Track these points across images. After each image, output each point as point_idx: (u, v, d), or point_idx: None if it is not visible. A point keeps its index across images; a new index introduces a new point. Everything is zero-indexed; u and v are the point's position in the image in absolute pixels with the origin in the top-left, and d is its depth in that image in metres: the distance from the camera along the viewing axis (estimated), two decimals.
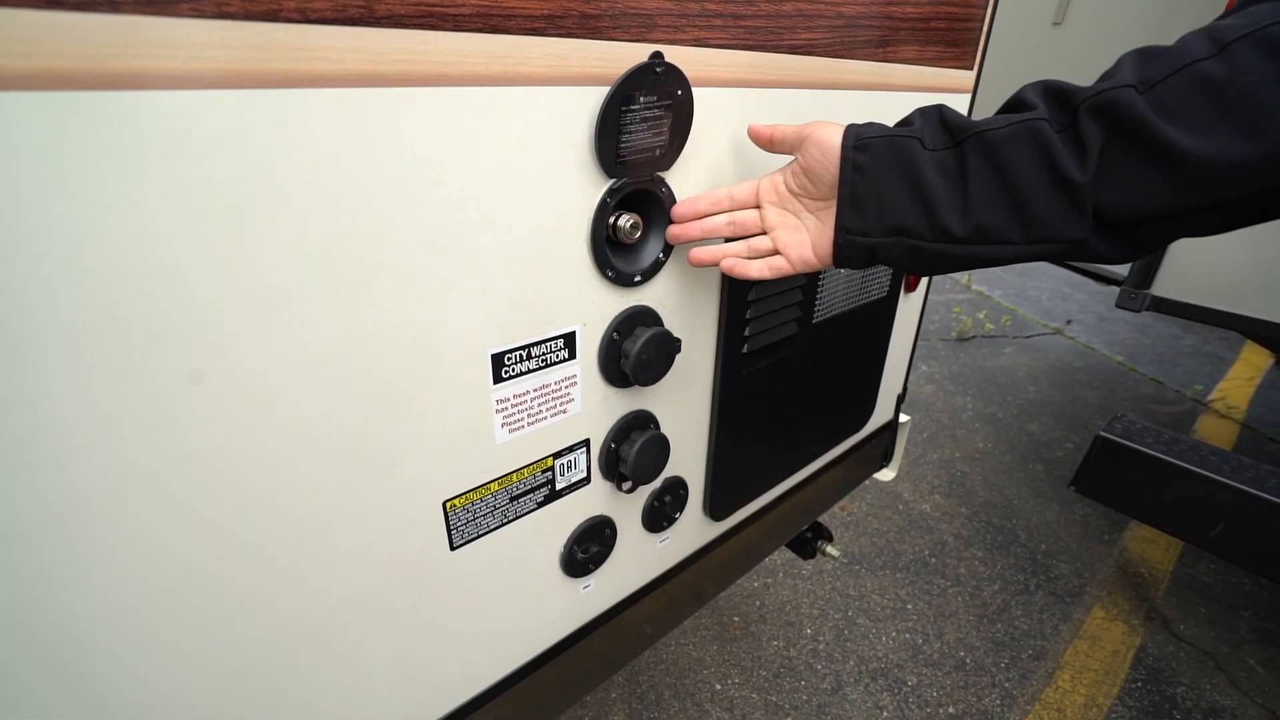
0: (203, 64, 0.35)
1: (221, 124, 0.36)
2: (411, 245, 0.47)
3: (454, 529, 0.59)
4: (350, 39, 0.39)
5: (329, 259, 0.43)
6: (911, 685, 1.73)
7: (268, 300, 0.41)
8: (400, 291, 0.48)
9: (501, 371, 0.57)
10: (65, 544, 0.38)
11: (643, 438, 0.70)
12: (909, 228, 0.53)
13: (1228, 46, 0.41)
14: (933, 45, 0.89)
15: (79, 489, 0.38)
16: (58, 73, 0.31)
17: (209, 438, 0.42)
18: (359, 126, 0.41)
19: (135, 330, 0.37)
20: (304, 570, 0.50)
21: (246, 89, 0.37)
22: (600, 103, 0.53)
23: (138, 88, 0.33)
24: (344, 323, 0.45)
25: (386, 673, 0.60)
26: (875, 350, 1.11)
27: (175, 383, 0.39)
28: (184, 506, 0.42)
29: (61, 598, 0.39)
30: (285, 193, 0.40)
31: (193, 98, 0.35)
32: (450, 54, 0.44)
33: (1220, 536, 1.37)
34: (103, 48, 0.32)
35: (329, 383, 0.46)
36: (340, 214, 0.43)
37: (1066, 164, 0.46)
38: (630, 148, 0.56)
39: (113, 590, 0.41)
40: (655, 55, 0.55)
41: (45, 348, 0.34)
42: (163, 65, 0.33)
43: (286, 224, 0.41)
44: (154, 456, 0.40)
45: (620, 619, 0.85)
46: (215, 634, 0.47)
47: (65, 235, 0.33)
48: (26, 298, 0.33)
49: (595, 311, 0.62)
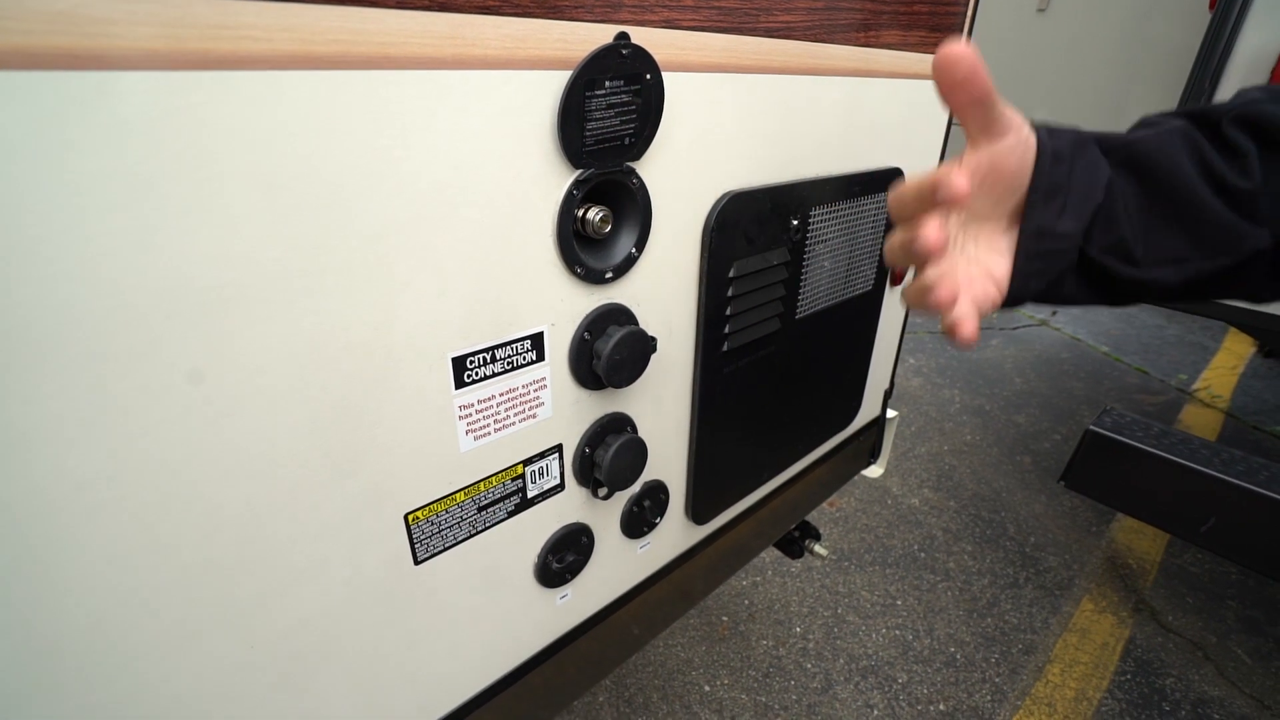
0: (102, 42, 0.31)
1: (134, 109, 0.33)
2: (357, 241, 0.43)
3: (417, 542, 0.56)
4: (277, 15, 0.36)
5: (264, 257, 0.39)
6: (902, 683, 1.71)
7: (199, 300, 0.38)
8: (347, 292, 0.44)
9: (464, 376, 0.53)
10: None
11: (618, 441, 0.66)
12: (1095, 226, 0.44)
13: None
14: (916, 30, 0.86)
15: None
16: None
17: (136, 453, 0.38)
18: (293, 113, 0.38)
19: (43, 341, 0.33)
20: (251, 593, 0.47)
21: (159, 70, 0.33)
22: (562, 88, 0.50)
23: (34, 67, 0.30)
24: (286, 325, 0.42)
25: (347, 697, 0.57)
26: (861, 345, 1.09)
27: (91, 393, 0.36)
28: (110, 528, 0.38)
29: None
30: (209, 186, 0.36)
31: (101, 79, 0.31)
32: (393, 33, 0.40)
33: (1211, 531, 1.36)
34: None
35: (272, 390, 0.43)
36: (275, 208, 0.39)
37: (1224, 169, 0.41)
38: (596, 136, 0.53)
39: (34, 619, 0.37)
40: (621, 36, 0.51)
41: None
42: (52, 42, 0.30)
43: (213, 220, 0.37)
44: (76, 472, 0.36)
45: (605, 624, 0.82)
46: (154, 662, 0.43)
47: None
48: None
49: (564, 310, 0.59)
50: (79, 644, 0.40)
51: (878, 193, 0.90)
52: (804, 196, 0.78)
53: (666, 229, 0.64)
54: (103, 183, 0.33)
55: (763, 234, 0.74)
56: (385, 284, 0.46)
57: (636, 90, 0.54)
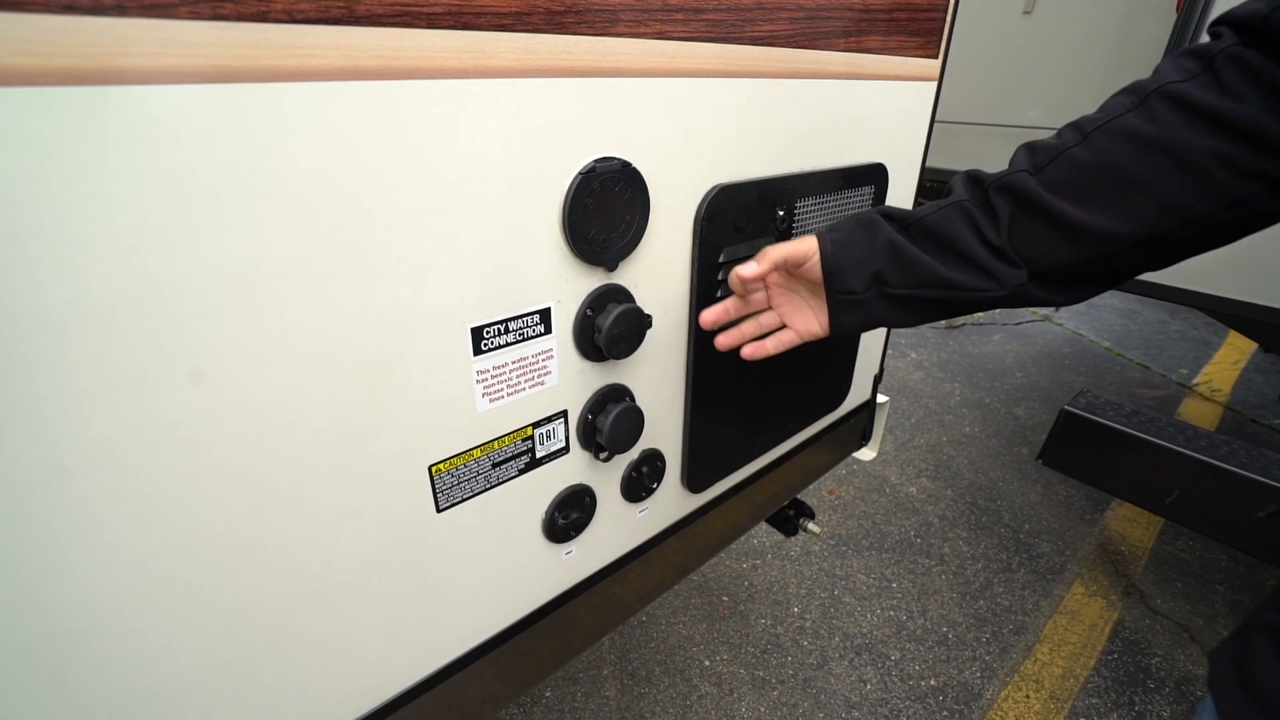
0: (200, 61, 0.39)
1: (216, 115, 0.41)
2: (393, 226, 0.51)
3: (439, 492, 0.64)
4: (333, 36, 0.43)
5: (316, 238, 0.47)
6: (895, 660, 1.78)
7: (259, 277, 0.46)
8: (383, 268, 0.52)
9: (481, 344, 0.61)
10: (61, 511, 0.42)
11: (618, 408, 0.74)
12: (886, 276, 0.64)
13: (1089, 136, 0.55)
14: (896, 35, 0.93)
15: (64, 460, 0.42)
16: (71, 70, 0.35)
17: (204, 404, 0.46)
18: (342, 117, 0.46)
19: (134, 310, 0.41)
20: (296, 532, 0.55)
21: (239, 83, 0.41)
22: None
23: (141, 83, 0.37)
24: (331, 298, 0.50)
25: (377, 630, 0.65)
26: None
27: (170, 356, 0.44)
28: (180, 472, 0.46)
29: (68, 556, 0.43)
30: (274, 178, 0.44)
31: (190, 91, 0.39)
32: (425, 49, 0.48)
33: (1176, 503, 1.43)
34: (110, 47, 0.36)
35: (317, 353, 0.51)
36: (326, 197, 0.47)
37: (987, 230, 0.59)
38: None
39: (113, 554, 0.45)
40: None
41: (57, 322, 0.39)
42: (162, 63, 0.38)
43: (275, 207, 0.45)
44: (147, 426, 0.44)
45: (607, 581, 0.89)
46: (210, 593, 0.51)
47: (85, 215, 0.37)
48: (40, 276, 0.37)
49: (569, 289, 0.67)
50: (164, 568, 0.48)
51: (861, 186, 0.97)
52: (789, 189, 0.85)
53: (662, 218, 0.72)
54: (191, 176, 0.41)
55: (750, 223, 0.82)
56: (415, 261, 0.54)
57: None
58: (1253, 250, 1.58)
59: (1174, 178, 0.51)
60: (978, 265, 0.60)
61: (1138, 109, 0.53)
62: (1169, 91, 0.51)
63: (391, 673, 0.68)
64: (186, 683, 0.52)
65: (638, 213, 0.68)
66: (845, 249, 0.65)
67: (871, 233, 0.64)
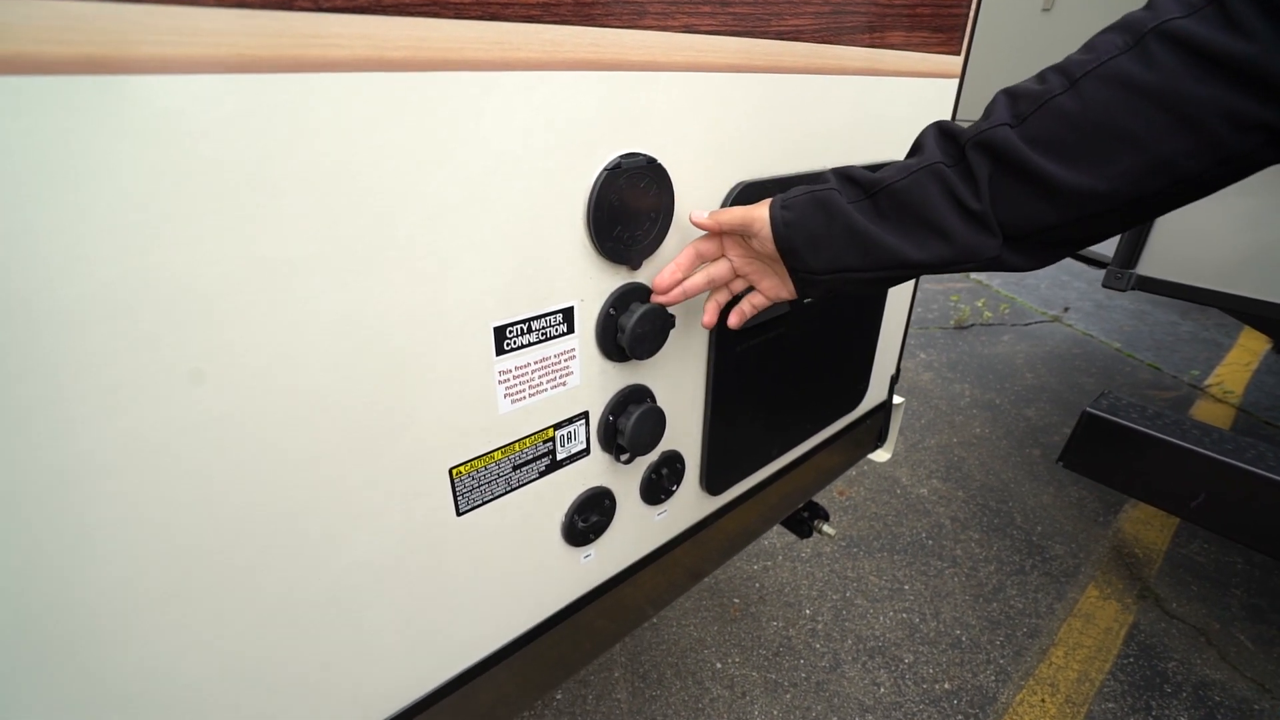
0: (223, 50, 0.38)
1: (240, 105, 0.39)
2: (416, 221, 0.50)
3: (460, 495, 0.63)
4: (359, 26, 0.42)
5: (339, 233, 0.46)
6: (908, 663, 1.76)
7: (282, 272, 0.44)
8: (406, 265, 0.51)
9: (503, 344, 0.60)
10: (81, 508, 0.41)
11: (639, 410, 0.73)
12: (848, 265, 0.59)
13: (1077, 82, 0.48)
14: (919, 31, 0.91)
15: (90, 455, 0.41)
16: (93, 58, 0.34)
17: (225, 404, 0.45)
18: (367, 108, 0.44)
19: (153, 307, 0.40)
20: (317, 534, 0.53)
21: (262, 74, 0.39)
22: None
23: (162, 72, 0.36)
24: (353, 294, 0.48)
25: (395, 634, 0.63)
26: (867, 331, 1.14)
27: (194, 353, 0.42)
28: (202, 471, 0.45)
29: (81, 557, 0.42)
30: (298, 170, 0.43)
31: (213, 81, 0.38)
32: (452, 40, 0.46)
33: (1201, 507, 1.41)
34: (134, 34, 0.35)
35: (339, 351, 0.49)
36: (350, 190, 0.46)
37: (964, 194, 0.53)
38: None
39: (128, 555, 0.44)
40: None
41: (78, 315, 0.37)
42: (184, 51, 0.36)
43: (299, 199, 0.43)
44: (170, 423, 0.43)
45: (619, 591, 0.88)
46: (230, 593, 0.50)
47: (104, 208, 0.36)
48: (66, 266, 0.36)
49: (592, 288, 0.65)
50: (183, 570, 0.46)
51: None
52: None
53: (686, 216, 0.70)
54: (215, 167, 0.39)
55: None
56: (439, 259, 0.52)
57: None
58: (1274, 250, 1.56)
59: (1170, 133, 0.45)
60: (950, 238, 0.55)
61: (1132, 50, 0.46)
62: (1168, 30, 0.45)
63: (407, 679, 0.67)
64: (204, 689, 0.51)
65: (663, 210, 0.67)
66: (799, 229, 0.60)
67: (828, 213, 0.59)
